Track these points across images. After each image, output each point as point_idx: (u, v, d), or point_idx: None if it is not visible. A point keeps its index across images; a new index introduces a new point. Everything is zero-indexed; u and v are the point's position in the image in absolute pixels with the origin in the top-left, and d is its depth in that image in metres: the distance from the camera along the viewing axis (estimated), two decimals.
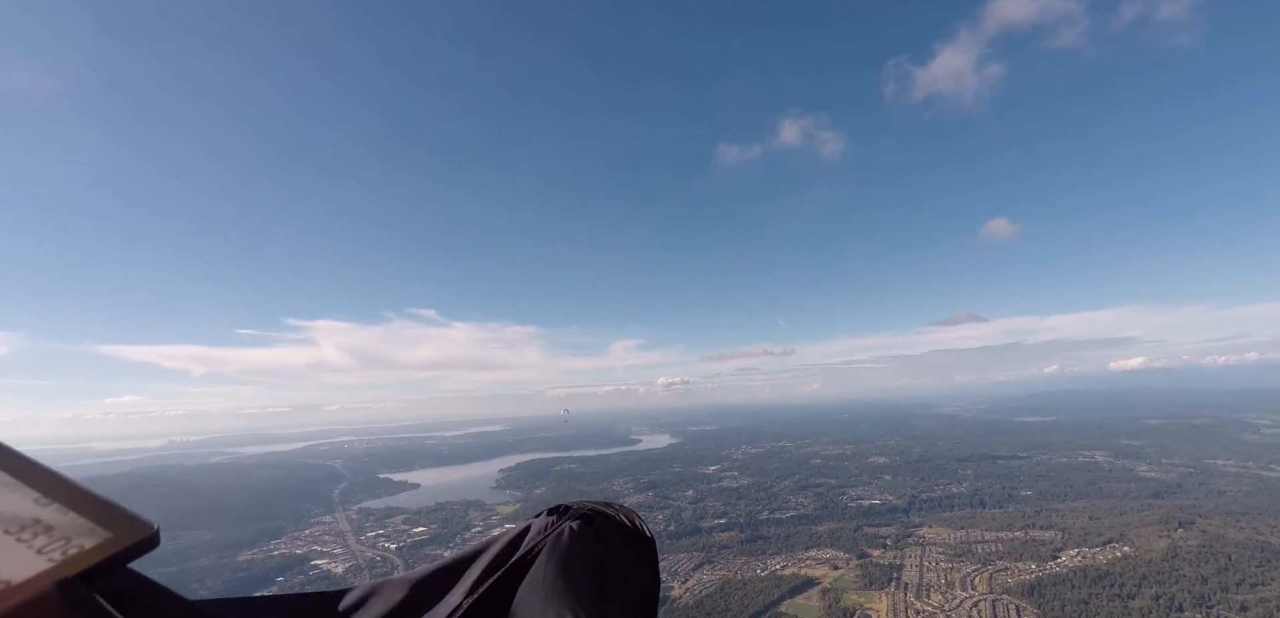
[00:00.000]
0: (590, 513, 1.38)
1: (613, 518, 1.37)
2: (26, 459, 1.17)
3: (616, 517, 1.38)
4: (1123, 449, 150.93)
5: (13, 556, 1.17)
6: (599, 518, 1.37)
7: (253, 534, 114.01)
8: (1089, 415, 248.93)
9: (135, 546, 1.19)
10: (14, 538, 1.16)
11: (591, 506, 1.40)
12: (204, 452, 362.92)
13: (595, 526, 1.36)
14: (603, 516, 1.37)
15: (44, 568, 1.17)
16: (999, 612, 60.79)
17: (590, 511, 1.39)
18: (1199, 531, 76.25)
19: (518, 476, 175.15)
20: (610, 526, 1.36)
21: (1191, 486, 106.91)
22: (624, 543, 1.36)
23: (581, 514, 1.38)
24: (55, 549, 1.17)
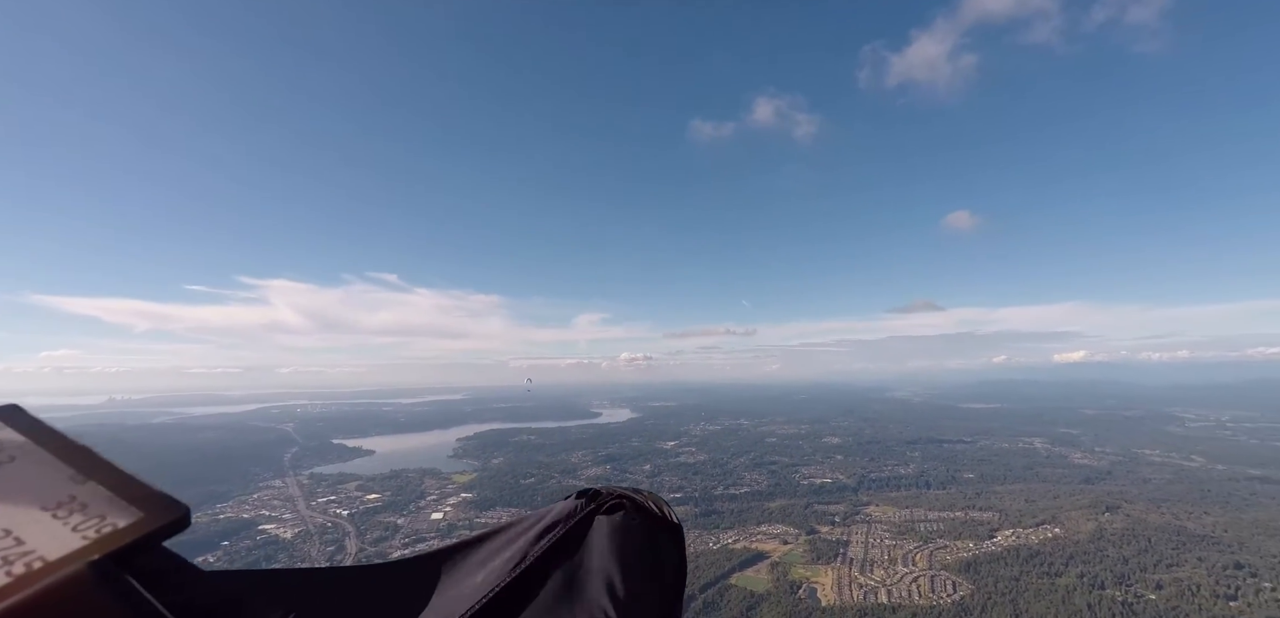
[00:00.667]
0: (621, 498, 1.39)
1: (642, 504, 1.39)
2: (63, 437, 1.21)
3: (645, 503, 1.39)
4: (1060, 437, 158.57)
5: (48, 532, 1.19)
6: (629, 504, 1.38)
7: (197, 497, 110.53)
8: (1031, 404, 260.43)
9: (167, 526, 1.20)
10: (50, 514, 1.19)
11: (621, 491, 1.41)
12: (146, 411, 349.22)
13: (625, 511, 1.37)
14: (633, 501, 1.38)
15: (78, 546, 1.19)
16: (936, 586, 63.55)
17: (621, 496, 1.40)
18: (1124, 515, 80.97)
19: (476, 445, 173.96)
20: (640, 511, 1.37)
21: (1120, 473, 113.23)
22: (653, 529, 1.37)
23: (612, 499, 1.39)
24: (89, 528, 1.19)
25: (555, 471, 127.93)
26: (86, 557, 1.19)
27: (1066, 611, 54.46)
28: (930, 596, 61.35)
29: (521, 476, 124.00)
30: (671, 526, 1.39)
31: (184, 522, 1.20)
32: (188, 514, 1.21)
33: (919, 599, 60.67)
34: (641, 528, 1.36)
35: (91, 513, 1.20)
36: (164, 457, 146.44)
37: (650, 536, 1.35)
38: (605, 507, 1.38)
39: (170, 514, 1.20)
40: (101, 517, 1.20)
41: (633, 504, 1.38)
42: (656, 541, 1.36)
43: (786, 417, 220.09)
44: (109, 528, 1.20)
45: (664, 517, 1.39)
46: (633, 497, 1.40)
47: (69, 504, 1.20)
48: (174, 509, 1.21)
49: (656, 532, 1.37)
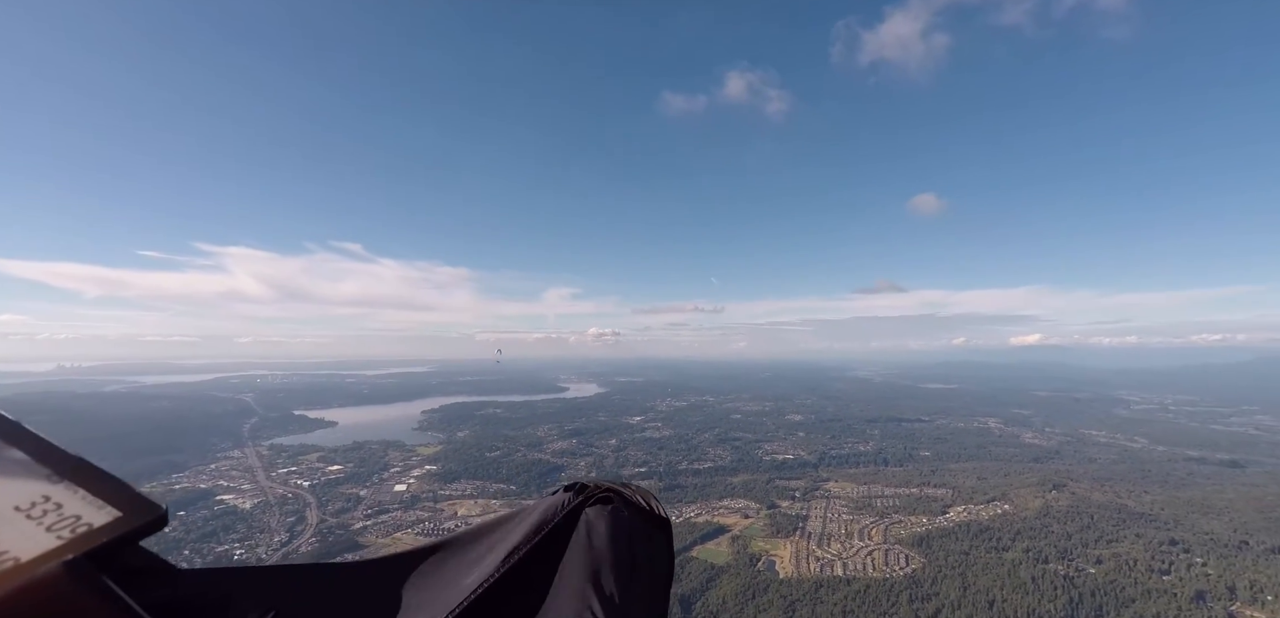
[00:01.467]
0: (609, 493, 1.38)
1: (630, 498, 1.39)
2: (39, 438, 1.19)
3: (634, 497, 1.39)
4: (1013, 417, 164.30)
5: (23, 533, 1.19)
6: (617, 498, 1.38)
7: (152, 467, 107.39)
8: (988, 385, 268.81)
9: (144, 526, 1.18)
10: (24, 515, 1.18)
11: (609, 485, 1.40)
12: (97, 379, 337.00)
13: (614, 505, 1.37)
14: (621, 496, 1.38)
15: (52, 546, 1.18)
16: (890, 560, 65.50)
17: (609, 490, 1.39)
18: (1069, 493, 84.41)
19: (441, 418, 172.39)
20: (628, 506, 1.37)
21: (1068, 452, 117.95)
22: (642, 523, 1.37)
23: (601, 493, 1.38)
24: (64, 528, 1.18)
25: (521, 444, 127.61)
26: (62, 557, 1.18)
27: (1012, 583, 56.70)
28: (884, 569, 63.19)
29: (487, 449, 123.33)
30: (660, 520, 1.40)
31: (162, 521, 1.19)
32: (166, 514, 1.19)
33: (873, 572, 62.44)
34: (630, 522, 1.36)
35: (66, 513, 1.19)
36: (116, 427, 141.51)
37: (639, 530, 1.36)
38: (594, 500, 1.38)
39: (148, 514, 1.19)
40: (77, 517, 1.19)
41: (621, 498, 1.38)
42: (645, 535, 1.36)
43: (751, 394, 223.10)
44: (85, 528, 1.19)
45: (652, 511, 1.40)
46: (621, 491, 1.40)
47: (43, 505, 1.19)
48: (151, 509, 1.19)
49: (645, 526, 1.37)
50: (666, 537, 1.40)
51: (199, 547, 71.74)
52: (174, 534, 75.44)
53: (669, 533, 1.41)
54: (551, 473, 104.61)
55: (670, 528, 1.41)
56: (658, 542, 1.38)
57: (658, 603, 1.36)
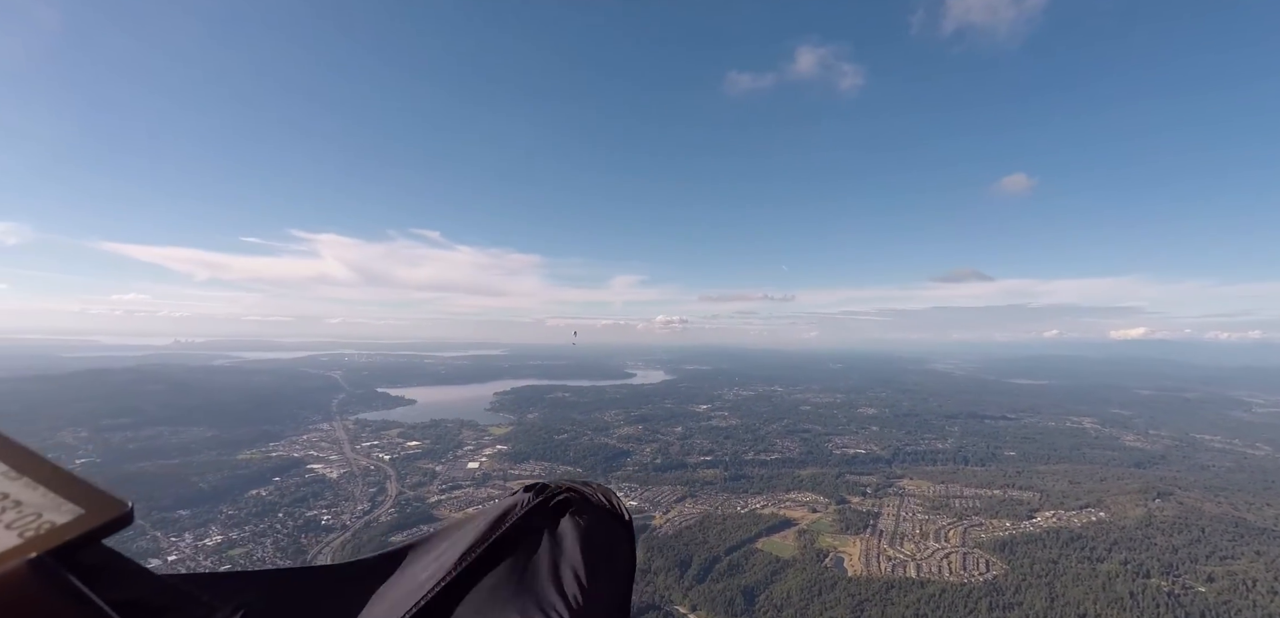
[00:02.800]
0: (569, 492, 1.37)
1: (591, 498, 1.37)
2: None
3: (594, 497, 1.38)
4: (1112, 417, 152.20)
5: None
6: (577, 497, 1.36)
7: (252, 435, 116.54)
8: (1083, 382, 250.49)
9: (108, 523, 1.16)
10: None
11: (570, 485, 1.40)
12: (207, 353, 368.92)
13: (575, 505, 1.36)
14: (581, 495, 1.37)
15: (14, 544, 1.16)
16: (969, 564, 62.17)
17: (569, 489, 1.38)
18: (1176, 502, 77.34)
19: (512, 400, 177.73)
20: (589, 505, 1.36)
21: (1175, 458, 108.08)
22: (603, 523, 1.35)
23: (561, 493, 1.37)
24: (26, 525, 1.16)
25: (588, 428, 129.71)
26: (23, 554, 1.17)
27: (1106, 598, 52.55)
28: (961, 573, 60.08)
29: (555, 431, 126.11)
30: (620, 519, 1.38)
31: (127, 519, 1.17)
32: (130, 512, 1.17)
33: (949, 576, 59.50)
34: (590, 522, 1.34)
35: (26, 511, 1.17)
36: (223, 397, 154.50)
37: (599, 529, 1.34)
38: (553, 501, 1.36)
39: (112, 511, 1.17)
40: (38, 515, 1.17)
41: (581, 498, 1.37)
42: (605, 534, 1.34)
43: (822, 385, 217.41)
44: (47, 525, 1.17)
45: (614, 510, 1.38)
46: (582, 490, 1.39)
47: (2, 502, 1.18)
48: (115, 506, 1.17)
49: (606, 525, 1.36)
50: (628, 536, 1.39)
51: (291, 511, 77.13)
52: (269, 498, 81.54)
53: (632, 533, 1.40)
54: (618, 457, 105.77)
55: (632, 528, 1.40)
56: (619, 541, 1.36)
57: (620, 604, 1.33)
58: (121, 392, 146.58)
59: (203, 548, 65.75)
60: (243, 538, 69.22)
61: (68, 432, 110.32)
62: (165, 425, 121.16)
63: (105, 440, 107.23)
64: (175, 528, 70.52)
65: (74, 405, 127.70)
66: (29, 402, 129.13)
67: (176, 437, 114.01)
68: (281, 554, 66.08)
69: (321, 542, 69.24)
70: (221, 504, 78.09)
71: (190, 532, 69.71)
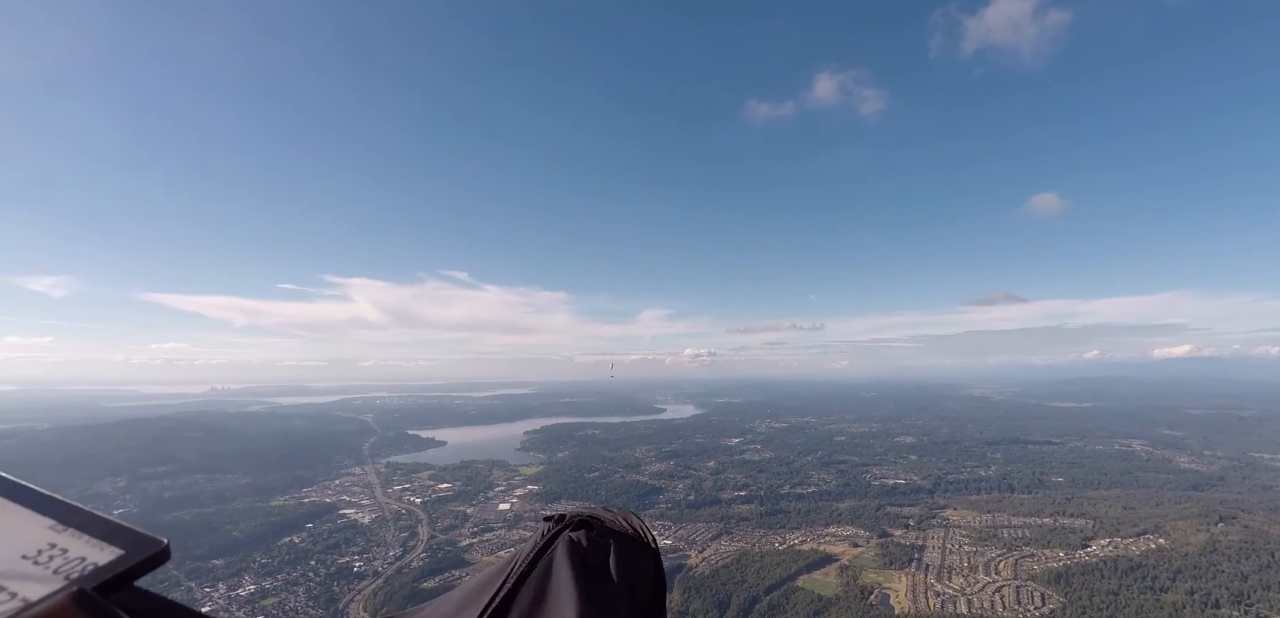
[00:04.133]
0: (589, 519, 1.34)
1: (612, 524, 1.34)
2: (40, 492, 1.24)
3: (616, 522, 1.35)
4: (1162, 439, 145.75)
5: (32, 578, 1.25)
6: (598, 525, 1.32)
7: (285, 481, 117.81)
8: (1129, 403, 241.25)
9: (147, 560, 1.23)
10: (31, 562, 1.24)
11: (590, 511, 1.37)
12: (243, 400, 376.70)
13: (595, 532, 1.31)
14: (601, 522, 1.33)
15: (60, 586, 1.25)
16: (1022, 598, 59.32)
17: (589, 516, 1.35)
18: (1241, 526, 73.26)
19: (542, 439, 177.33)
20: (610, 532, 1.32)
21: (1234, 479, 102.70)
22: (627, 549, 1.31)
23: (580, 521, 1.34)
24: (72, 569, 1.25)
25: (619, 465, 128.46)
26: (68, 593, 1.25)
27: None
28: (1016, 608, 57.36)
29: (586, 470, 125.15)
30: (644, 545, 1.35)
31: (164, 556, 1.24)
32: (167, 549, 1.24)
33: (1003, 611, 56.84)
34: (610, 549, 1.31)
35: (72, 556, 1.25)
36: (257, 443, 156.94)
37: (621, 556, 1.30)
38: (573, 528, 1.33)
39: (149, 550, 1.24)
40: (82, 558, 1.25)
41: (601, 525, 1.33)
42: (628, 560, 1.31)
43: (856, 414, 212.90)
44: (90, 566, 1.25)
45: (637, 536, 1.35)
46: (603, 517, 1.36)
47: (50, 551, 1.25)
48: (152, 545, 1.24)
49: (629, 551, 1.32)
50: (654, 562, 1.36)
51: (324, 558, 77.19)
52: (302, 545, 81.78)
53: (658, 558, 1.37)
54: (649, 494, 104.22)
55: (659, 553, 1.36)
56: (643, 566, 1.33)
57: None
58: (160, 440, 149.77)
59: (236, 599, 65.95)
60: (275, 587, 69.33)
61: (107, 481, 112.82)
62: (201, 473, 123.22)
63: (143, 490, 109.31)
64: (210, 577, 71.02)
65: (114, 455, 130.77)
66: (71, 451, 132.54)
67: (212, 484, 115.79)
68: (313, 603, 65.96)
69: (353, 589, 69.05)
70: (255, 552, 78.56)
71: (224, 581, 70.11)
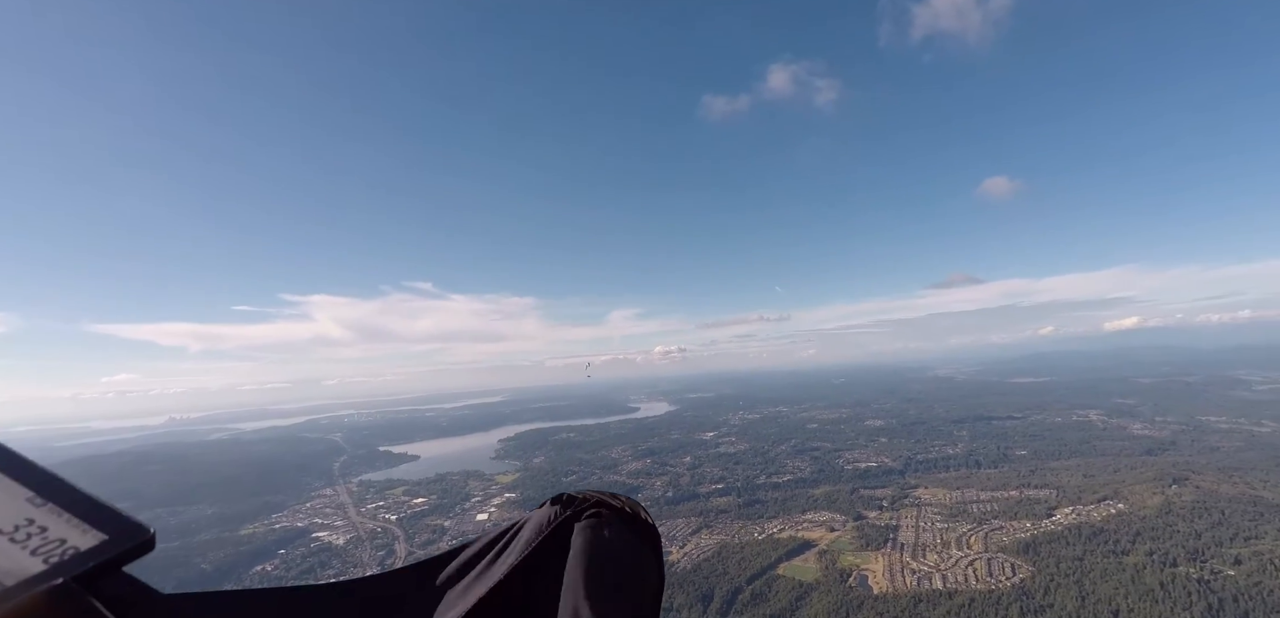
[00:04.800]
0: (597, 504, 1.36)
1: (618, 509, 1.36)
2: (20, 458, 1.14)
3: (621, 507, 1.37)
4: (1116, 408, 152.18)
5: (7, 557, 1.15)
6: (605, 509, 1.35)
7: (254, 508, 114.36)
8: (1083, 376, 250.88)
9: (131, 550, 1.15)
10: (8, 538, 1.15)
11: (597, 496, 1.39)
12: (204, 428, 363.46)
13: (602, 517, 1.35)
14: (609, 506, 1.36)
15: (38, 570, 1.16)
16: (994, 569, 61.30)
17: (596, 501, 1.37)
18: (1192, 487, 76.91)
19: (517, 446, 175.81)
20: (616, 516, 1.35)
21: (1184, 443, 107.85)
22: (630, 534, 1.35)
23: (587, 505, 1.36)
24: (51, 551, 1.16)
25: (596, 467, 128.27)
26: (48, 581, 1.16)
27: (1137, 590, 51.85)
28: (988, 580, 59.21)
29: (563, 474, 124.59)
30: (648, 529, 1.37)
31: (149, 545, 1.14)
32: (153, 537, 1.15)
33: (976, 584, 58.60)
34: (619, 533, 1.34)
35: (51, 536, 1.16)
36: (222, 472, 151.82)
37: (628, 540, 1.34)
38: (582, 513, 1.35)
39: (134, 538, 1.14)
40: (62, 540, 1.16)
41: (610, 510, 1.36)
42: (634, 546, 1.34)
43: (827, 402, 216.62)
44: (71, 551, 1.15)
45: (641, 520, 1.37)
46: (610, 501, 1.38)
47: (27, 528, 1.16)
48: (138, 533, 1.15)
49: (634, 536, 1.35)
50: (656, 546, 1.38)
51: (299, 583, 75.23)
52: (275, 572, 79.68)
53: (658, 542, 1.38)
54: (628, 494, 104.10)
55: (659, 537, 1.38)
56: (646, 553, 1.36)
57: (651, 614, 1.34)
58: (117, 476, 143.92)
59: None
60: None
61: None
62: (164, 507, 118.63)
63: None
64: None
65: None
66: None
67: (176, 517, 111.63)
68: None
69: None
70: (225, 584, 76.05)
71: None
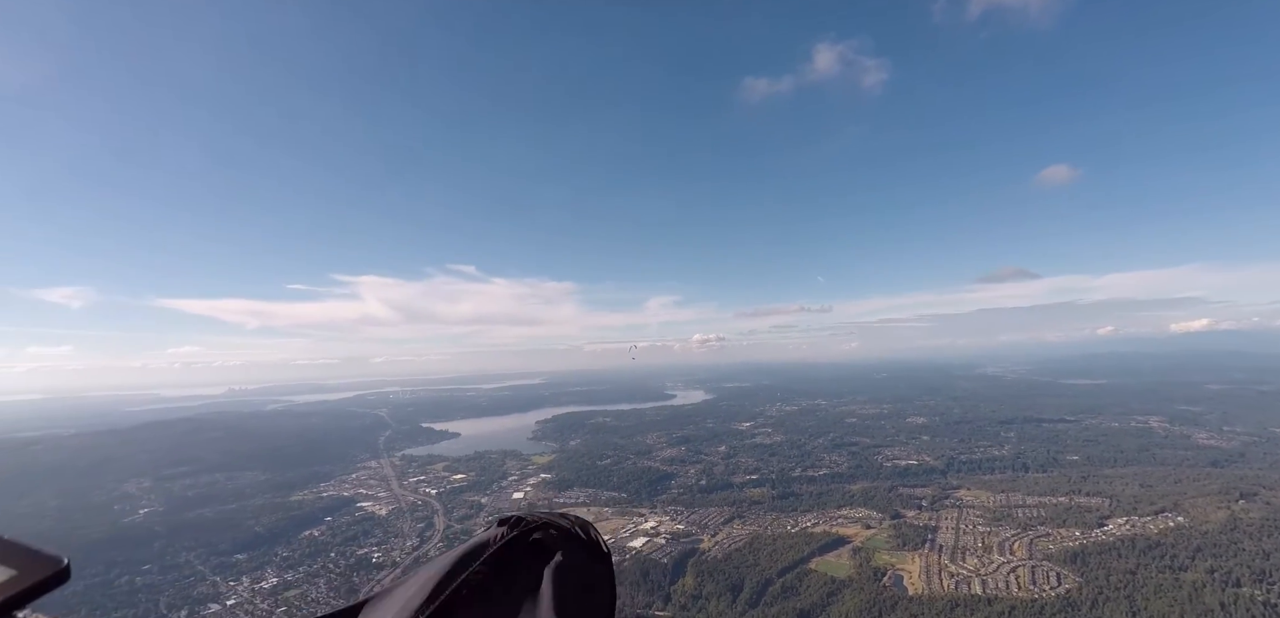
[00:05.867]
0: (545, 525, 1.35)
1: (568, 530, 1.35)
2: None
3: (572, 529, 1.36)
4: (1180, 415, 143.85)
5: None
6: (556, 531, 1.34)
7: (304, 477, 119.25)
8: (1145, 379, 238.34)
9: (42, 581, 1.11)
10: None
11: (545, 517, 1.38)
12: (260, 400, 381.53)
13: (551, 538, 1.33)
14: (558, 528, 1.35)
15: None
16: (1038, 578, 58.93)
17: (544, 522, 1.36)
18: (1263, 503, 72.33)
19: (553, 428, 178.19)
20: (565, 538, 1.33)
21: (1255, 455, 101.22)
22: (581, 557, 1.33)
23: (535, 527, 1.34)
24: None
25: (631, 452, 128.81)
26: None
27: (1195, 610, 49.01)
28: (1031, 588, 56.97)
29: (598, 457, 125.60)
30: (600, 553, 1.36)
31: (62, 576, 1.11)
32: (67, 568, 1.11)
33: (1018, 591, 56.47)
34: (568, 557, 1.31)
35: None
36: (275, 441, 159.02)
37: (577, 564, 1.31)
38: (530, 535, 1.33)
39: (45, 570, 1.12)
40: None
41: (560, 532, 1.34)
42: (584, 568, 1.32)
43: (867, 396, 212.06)
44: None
45: (593, 543, 1.36)
46: (559, 522, 1.37)
47: None
48: (49, 564, 1.12)
49: (584, 559, 1.33)
50: (607, 571, 1.36)
51: (343, 550, 78.18)
52: (322, 537, 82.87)
53: (610, 567, 1.38)
54: (662, 481, 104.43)
55: (611, 561, 1.38)
56: (598, 576, 1.34)
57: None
58: (181, 441, 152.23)
59: (259, 591, 66.95)
60: (297, 579, 70.35)
61: (132, 482, 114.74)
62: (222, 471, 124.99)
63: (167, 489, 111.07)
64: (233, 572, 72.09)
65: (138, 457, 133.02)
66: (97, 455, 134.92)
67: (232, 482, 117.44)
68: (335, 594, 66.85)
69: (372, 580, 69.84)
70: (277, 546, 79.70)
71: (247, 575, 71.16)
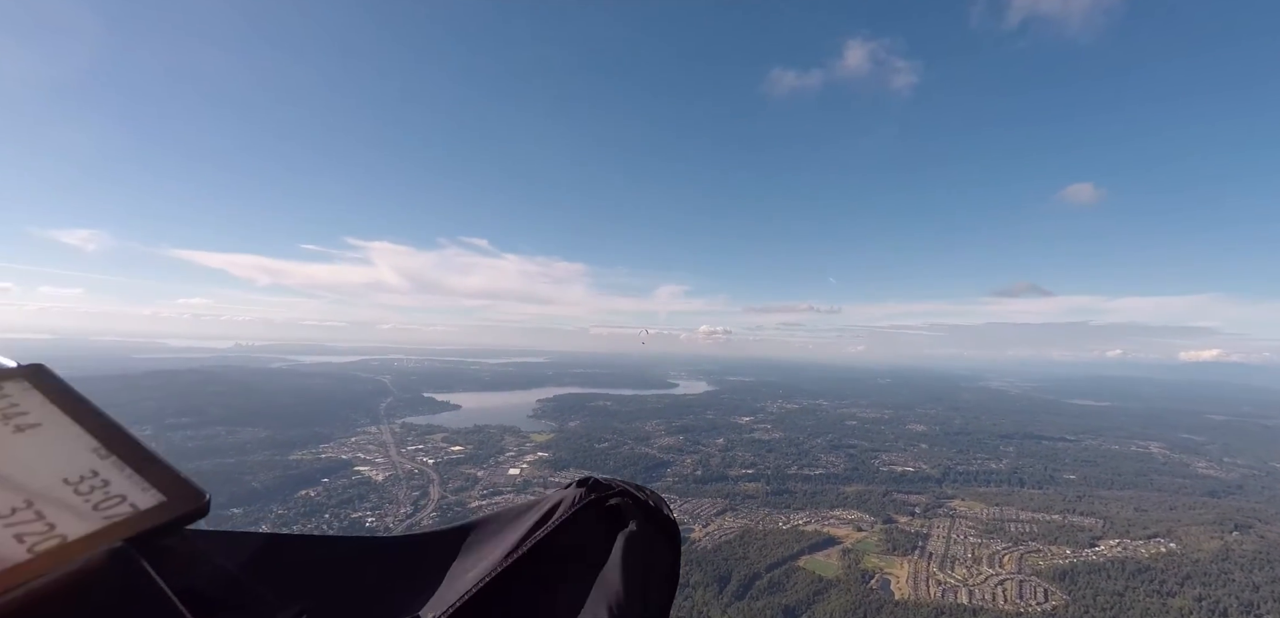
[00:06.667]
0: (623, 492, 1.38)
1: (641, 499, 1.38)
2: (88, 404, 1.16)
3: (644, 498, 1.39)
4: (1181, 443, 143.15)
5: (70, 510, 1.15)
6: (629, 498, 1.37)
7: (304, 437, 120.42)
8: (1150, 404, 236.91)
9: (187, 514, 1.16)
10: (72, 489, 1.15)
11: (623, 485, 1.41)
12: (266, 357, 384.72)
13: (624, 504, 1.36)
14: (632, 496, 1.38)
15: (98, 527, 1.15)
16: (1026, 592, 59.19)
17: (623, 489, 1.39)
18: (1256, 535, 72.13)
19: (554, 407, 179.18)
20: (639, 506, 1.37)
21: (1253, 488, 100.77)
22: (652, 528, 1.36)
23: (614, 492, 1.38)
24: (111, 508, 1.15)
25: (629, 437, 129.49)
26: (107, 540, 1.16)
27: None
28: (1017, 602, 57.26)
29: (596, 440, 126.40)
30: (668, 523, 1.39)
31: (203, 510, 1.16)
32: (207, 503, 1.16)
33: (1004, 604, 56.76)
34: (639, 523, 1.34)
35: (113, 492, 1.16)
36: (278, 399, 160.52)
37: (647, 531, 1.35)
38: (605, 499, 1.37)
39: (192, 502, 1.17)
40: (122, 497, 1.16)
41: (632, 499, 1.37)
42: (652, 536, 1.35)
43: (869, 400, 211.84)
44: (129, 511, 1.16)
45: (661, 513, 1.39)
46: (633, 492, 1.40)
47: (91, 480, 1.16)
48: (196, 497, 1.16)
49: (654, 528, 1.36)
50: (674, 540, 1.40)
51: (337, 512, 79.17)
52: (318, 498, 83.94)
53: (677, 536, 1.41)
54: (658, 468, 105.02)
55: (678, 531, 1.42)
56: (665, 546, 1.38)
57: (663, 606, 1.35)
58: (185, 392, 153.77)
59: None
60: None
61: (135, 430, 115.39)
62: (223, 426, 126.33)
63: (169, 439, 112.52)
64: (228, 525, 73.12)
65: (142, 404, 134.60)
66: (103, 400, 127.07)
67: (233, 437, 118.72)
68: None
69: None
70: (272, 503, 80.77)
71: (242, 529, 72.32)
